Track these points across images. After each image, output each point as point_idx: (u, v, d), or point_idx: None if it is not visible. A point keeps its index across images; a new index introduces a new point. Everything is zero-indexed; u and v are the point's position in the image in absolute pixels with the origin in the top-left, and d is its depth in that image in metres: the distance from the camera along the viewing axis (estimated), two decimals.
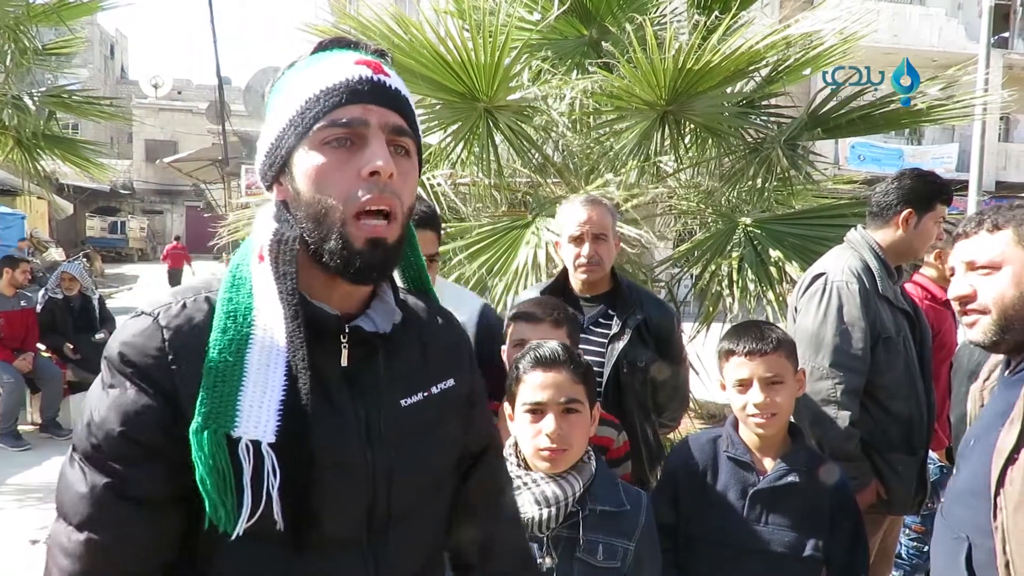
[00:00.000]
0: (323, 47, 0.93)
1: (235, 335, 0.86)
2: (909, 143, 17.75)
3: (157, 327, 0.86)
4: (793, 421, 1.87)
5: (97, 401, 0.86)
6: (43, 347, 6.02)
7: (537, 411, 1.51)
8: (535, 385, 1.51)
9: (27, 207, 13.54)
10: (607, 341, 2.21)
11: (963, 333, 1.58)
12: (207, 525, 0.83)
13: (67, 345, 6.06)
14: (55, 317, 6.13)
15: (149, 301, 0.90)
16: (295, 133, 0.88)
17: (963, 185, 10.47)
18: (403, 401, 0.97)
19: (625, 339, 2.19)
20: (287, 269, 0.88)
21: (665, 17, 4.42)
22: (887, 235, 2.38)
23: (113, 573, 0.84)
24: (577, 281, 2.30)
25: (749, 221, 3.84)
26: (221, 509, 0.82)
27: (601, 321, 2.26)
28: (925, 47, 16.32)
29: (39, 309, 6.10)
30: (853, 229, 2.48)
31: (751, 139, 4.10)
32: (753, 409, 1.73)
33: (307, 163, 0.88)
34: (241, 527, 0.82)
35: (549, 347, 1.56)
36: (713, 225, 4.16)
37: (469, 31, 3.54)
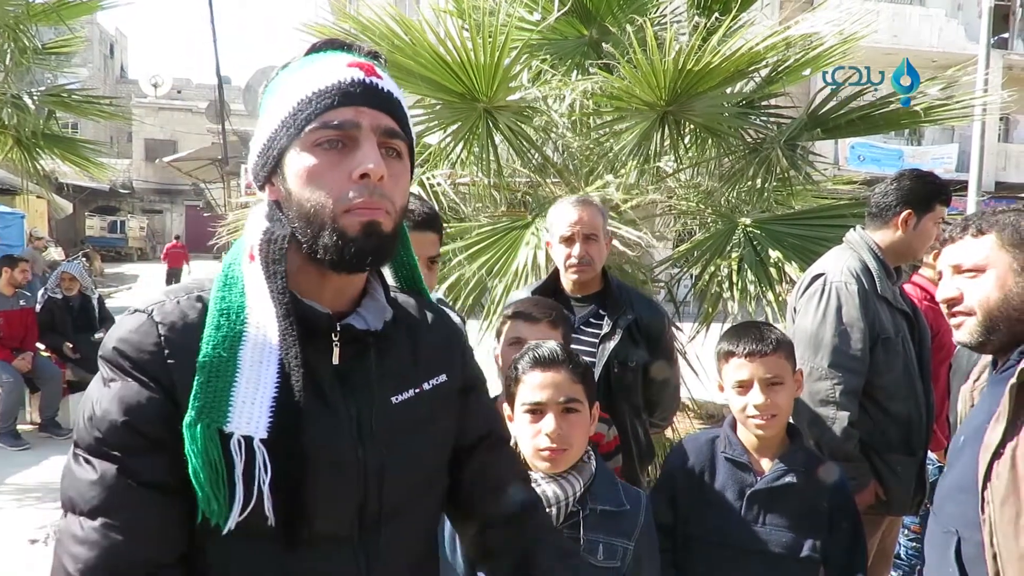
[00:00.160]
0: (317, 48, 0.94)
1: (228, 332, 0.87)
2: (909, 143, 17.76)
3: (152, 323, 0.86)
4: (792, 422, 1.87)
5: (97, 396, 0.86)
6: (42, 347, 6.03)
7: (536, 411, 1.51)
8: (534, 385, 1.51)
9: (26, 206, 13.53)
10: (598, 341, 2.21)
11: None
12: (200, 519, 0.83)
13: (66, 345, 6.06)
14: (54, 316, 6.14)
15: (143, 299, 0.90)
16: (287, 134, 0.89)
17: (963, 185, 10.48)
18: (394, 398, 0.97)
19: (616, 339, 2.20)
20: (277, 268, 0.89)
21: (665, 18, 4.42)
22: (886, 236, 2.38)
23: (129, 560, 0.82)
24: (568, 281, 2.30)
25: (749, 221, 3.83)
26: (214, 502, 0.82)
27: (592, 321, 2.26)
28: (925, 47, 16.34)
29: (38, 308, 6.11)
30: (852, 230, 2.48)
31: (751, 139, 4.09)
32: (753, 410, 1.73)
33: (299, 164, 0.88)
34: (233, 521, 0.83)
35: (548, 347, 1.56)
36: (713, 225, 4.15)
37: (469, 31, 3.54)
